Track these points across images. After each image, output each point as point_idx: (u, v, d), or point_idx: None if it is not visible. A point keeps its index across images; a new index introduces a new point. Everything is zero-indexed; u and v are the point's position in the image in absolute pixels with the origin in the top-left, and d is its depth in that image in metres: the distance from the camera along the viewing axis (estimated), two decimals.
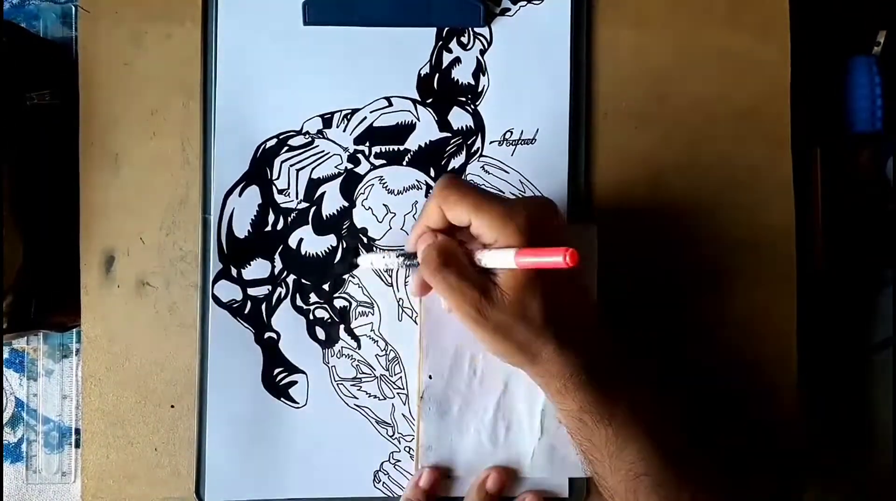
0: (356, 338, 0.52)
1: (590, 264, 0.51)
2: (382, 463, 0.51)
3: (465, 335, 0.46)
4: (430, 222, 0.45)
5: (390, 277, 0.52)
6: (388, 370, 0.52)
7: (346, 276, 0.52)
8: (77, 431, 0.56)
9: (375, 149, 0.52)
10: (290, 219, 0.52)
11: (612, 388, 0.44)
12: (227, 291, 0.52)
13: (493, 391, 0.51)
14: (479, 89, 0.52)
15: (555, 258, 0.38)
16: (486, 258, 0.43)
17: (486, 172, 0.52)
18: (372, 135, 0.52)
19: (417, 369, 0.51)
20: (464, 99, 0.52)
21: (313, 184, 0.52)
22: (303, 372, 0.52)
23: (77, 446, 0.56)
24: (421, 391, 0.51)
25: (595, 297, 0.51)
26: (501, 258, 0.42)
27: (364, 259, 0.52)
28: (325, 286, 0.52)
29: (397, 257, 0.49)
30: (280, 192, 0.52)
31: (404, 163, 0.52)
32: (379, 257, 0.50)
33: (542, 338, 0.43)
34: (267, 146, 0.52)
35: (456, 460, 0.51)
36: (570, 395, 0.44)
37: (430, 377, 0.50)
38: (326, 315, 0.52)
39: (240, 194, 0.52)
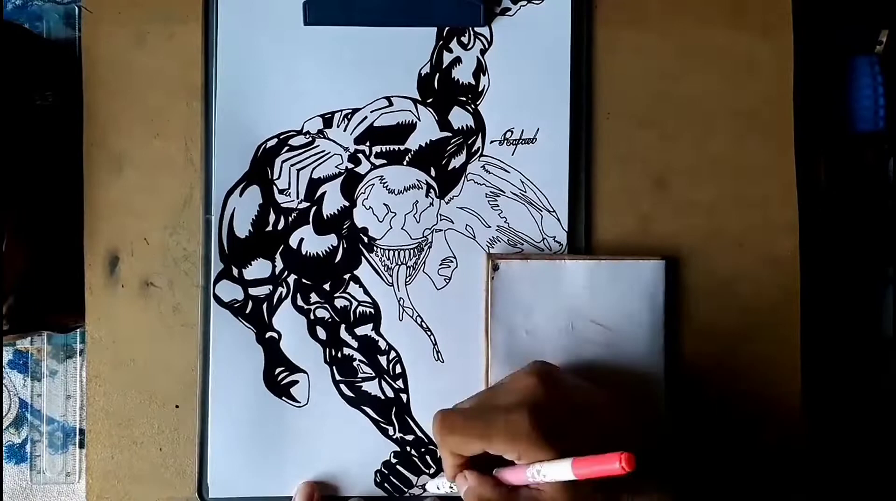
0: (357, 338, 0.52)
1: (656, 311, 0.51)
2: (384, 463, 0.52)
3: None
4: (455, 462, 0.44)
5: (391, 276, 0.52)
6: (389, 369, 0.52)
7: (346, 275, 0.52)
8: (81, 431, 0.57)
9: (376, 149, 0.52)
10: (290, 219, 0.52)
11: None
12: (229, 291, 0.52)
13: None
14: (480, 89, 0.52)
15: (610, 466, 0.36)
16: (548, 475, 0.40)
17: (487, 171, 0.52)
18: (372, 134, 0.52)
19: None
20: (464, 98, 0.52)
21: (314, 184, 0.52)
22: (304, 372, 0.52)
23: (81, 446, 0.57)
24: None
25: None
26: (559, 472, 0.39)
27: (431, 485, 0.51)
28: (326, 286, 0.52)
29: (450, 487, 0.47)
30: (281, 192, 0.52)
31: (405, 163, 0.52)
32: (443, 483, 0.49)
33: None
34: (267, 146, 0.52)
35: None
36: None
37: None
38: (327, 315, 0.52)
39: (240, 194, 0.52)
